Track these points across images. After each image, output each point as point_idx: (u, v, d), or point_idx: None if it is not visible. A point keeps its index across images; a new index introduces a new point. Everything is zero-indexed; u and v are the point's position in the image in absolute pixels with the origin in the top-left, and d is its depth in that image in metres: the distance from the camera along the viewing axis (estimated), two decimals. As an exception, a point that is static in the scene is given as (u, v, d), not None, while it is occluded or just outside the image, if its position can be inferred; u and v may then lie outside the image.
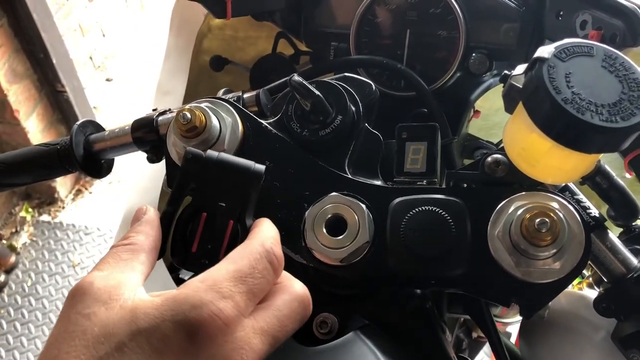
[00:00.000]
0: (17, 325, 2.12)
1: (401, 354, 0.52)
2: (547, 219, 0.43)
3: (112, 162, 0.74)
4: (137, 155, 0.70)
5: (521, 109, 0.42)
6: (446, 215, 0.47)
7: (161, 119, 0.65)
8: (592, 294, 0.60)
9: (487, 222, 0.46)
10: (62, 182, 2.54)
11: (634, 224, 0.61)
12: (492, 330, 0.59)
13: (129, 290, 0.34)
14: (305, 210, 0.50)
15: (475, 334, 0.96)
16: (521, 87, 0.43)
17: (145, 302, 0.33)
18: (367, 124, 0.55)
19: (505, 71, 0.46)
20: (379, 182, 0.53)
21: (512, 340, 0.89)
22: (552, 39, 0.69)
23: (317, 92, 0.52)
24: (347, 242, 0.48)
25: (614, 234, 0.56)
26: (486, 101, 0.82)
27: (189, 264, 0.42)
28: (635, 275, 0.54)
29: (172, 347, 0.31)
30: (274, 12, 0.81)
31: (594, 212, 0.54)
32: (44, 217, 2.49)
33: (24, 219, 2.47)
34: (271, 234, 0.40)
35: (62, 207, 2.54)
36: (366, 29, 0.76)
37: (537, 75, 0.40)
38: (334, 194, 0.50)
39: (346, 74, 0.58)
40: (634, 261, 0.55)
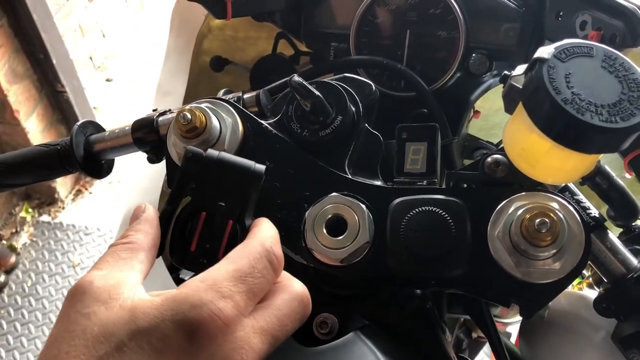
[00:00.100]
0: (17, 325, 2.12)
1: (401, 354, 0.52)
2: (547, 220, 0.43)
3: (112, 163, 0.74)
4: (137, 155, 0.70)
5: (521, 109, 0.42)
6: (446, 215, 0.47)
7: (161, 119, 0.65)
8: (592, 294, 0.60)
9: (487, 223, 0.46)
10: (62, 182, 2.53)
11: (633, 224, 0.61)
12: (492, 330, 0.59)
13: (128, 289, 0.34)
14: (305, 210, 0.50)
15: (475, 334, 0.96)
16: (521, 87, 0.43)
17: (144, 301, 0.33)
18: (367, 125, 0.55)
19: (505, 71, 0.46)
20: (379, 183, 0.53)
21: (512, 340, 0.89)
22: (552, 40, 0.69)
23: (317, 92, 0.52)
24: (347, 242, 0.48)
25: (613, 234, 0.56)
26: (486, 101, 0.82)
27: (188, 263, 0.42)
28: (635, 275, 0.54)
29: (172, 347, 0.31)
30: (274, 13, 0.81)
31: (594, 212, 0.54)
32: (44, 218, 2.49)
33: (24, 219, 2.47)
34: (271, 233, 0.40)
35: (62, 208, 2.53)
36: (366, 30, 0.76)
37: (537, 75, 0.40)
38: (334, 194, 0.50)
39: (346, 75, 0.58)
40: (634, 261, 0.55)
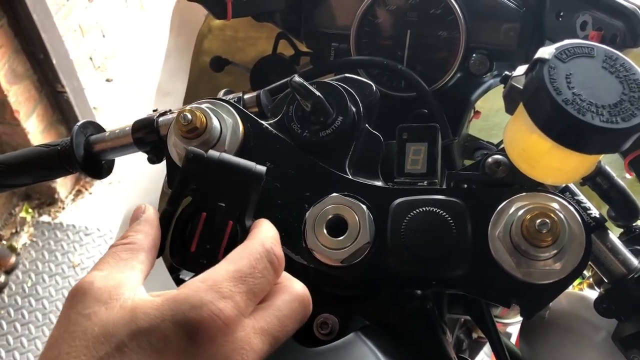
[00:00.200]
0: (17, 325, 2.12)
1: (402, 355, 0.52)
2: (547, 220, 0.43)
3: (112, 163, 0.74)
4: (137, 156, 0.70)
5: (522, 109, 0.42)
6: (447, 216, 0.47)
7: (162, 119, 0.65)
8: (592, 294, 0.60)
9: (488, 223, 0.46)
10: (62, 182, 2.53)
11: (634, 225, 0.61)
12: (492, 330, 0.59)
13: (129, 290, 0.34)
14: (305, 211, 0.50)
15: (475, 335, 0.96)
16: (522, 88, 0.43)
17: (145, 302, 0.33)
18: (367, 125, 0.55)
19: (505, 72, 0.46)
20: (379, 183, 0.53)
21: (513, 340, 0.89)
22: (552, 40, 0.69)
23: (318, 93, 0.52)
24: (348, 242, 0.48)
25: (614, 234, 0.56)
26: (486, 102, 0.82)
27: (188, 264, 0.42)
28: (635, 275, 0.54)
29: (172, 347, 0.31)
30: (274, 13, 0.81)
31: (595, 212, 0.54)
32: (44, 218, 2.49)
33: (24, 219, 2.47)
34: (271, 234, 0.40)
35: (62, 208, 2.53)
36: (366, 30, 0.76)
37: (537, 76, 0.40)
38: (335, 194, 0.50)
39: (347, 75, 0.58)
40: (635, 262, 0.55)
